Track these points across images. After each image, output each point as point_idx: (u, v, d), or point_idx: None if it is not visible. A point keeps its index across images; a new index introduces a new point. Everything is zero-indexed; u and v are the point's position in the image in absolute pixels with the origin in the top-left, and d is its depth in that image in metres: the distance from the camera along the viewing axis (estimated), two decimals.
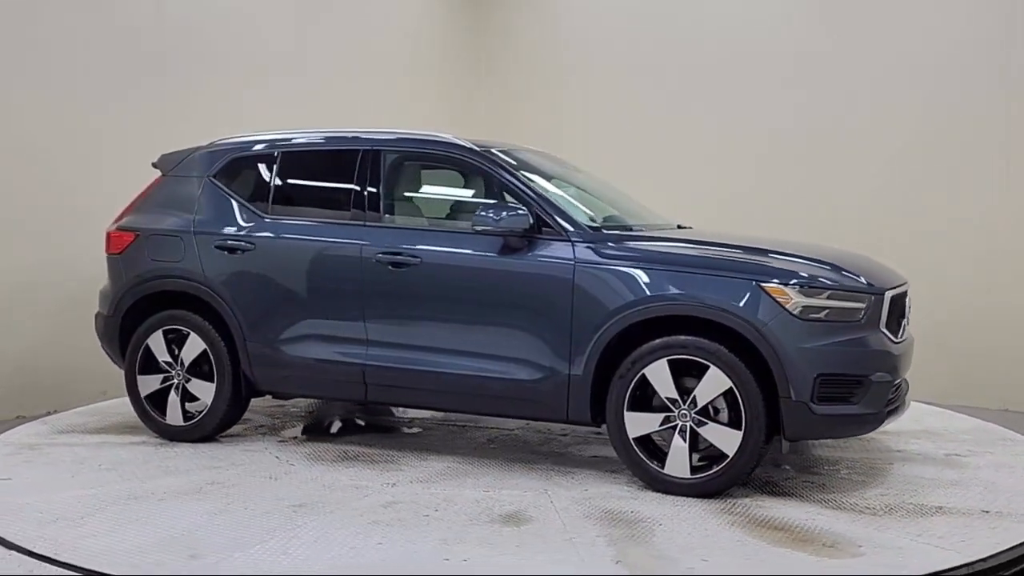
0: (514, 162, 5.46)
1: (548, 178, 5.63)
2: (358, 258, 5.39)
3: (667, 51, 9.15)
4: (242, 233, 5.70)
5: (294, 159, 5.87)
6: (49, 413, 6.66)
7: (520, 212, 5.04)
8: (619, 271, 4.91)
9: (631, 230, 5.40)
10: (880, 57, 8.10)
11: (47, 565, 3.87)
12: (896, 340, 4.93)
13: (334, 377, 5.50)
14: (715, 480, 4.73)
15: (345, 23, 9.03)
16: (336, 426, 6.43)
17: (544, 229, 5.09)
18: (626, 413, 4.87)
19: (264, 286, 5.62)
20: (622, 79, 9.34)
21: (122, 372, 6.01)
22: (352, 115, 6.85)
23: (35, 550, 3.98)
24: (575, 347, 4.95)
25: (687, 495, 4.75)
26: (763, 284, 4.69)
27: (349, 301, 5.43)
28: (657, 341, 4.80)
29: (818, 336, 4.66)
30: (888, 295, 4.88)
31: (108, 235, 6.10)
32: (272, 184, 5.81)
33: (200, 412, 5.80)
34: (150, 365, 5.90)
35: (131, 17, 7.39)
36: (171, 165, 6.12)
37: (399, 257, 5.30)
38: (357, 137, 5.72)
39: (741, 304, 4.68)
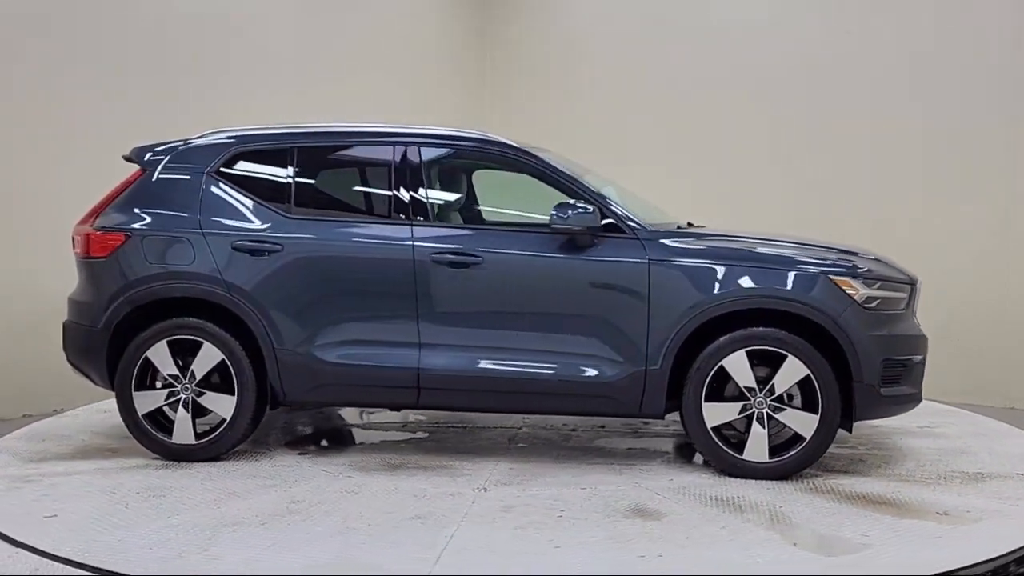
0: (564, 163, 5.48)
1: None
2: (410, 258, 5.19)
3: (673, 51, 9.28)
4: (266, 233, 5.30)
5: (315, 154, 5.54)
6: (56, 411, 6.75)
7: (588, 210, 5.08)
8: (694, 267, 5.08)
9: (679, 228, 5.57)
10: (886, 56, 8.29)
11: None
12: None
13: (382, 383, 5.25)
14: (792, 462, 5.03)
15: (349, 23, 9.12)
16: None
17: (610, 227, 5.15)
18: (704, 404, 5.06)
19: (296, 289, 5.26)
20: (627, 79, 9.46)
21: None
22: (356, 113, 6.48)
23: None
24: (652, 342, 5.06)
25: (764, 478, 5.00)
26: (832, 277, 5.04)
27: (400, 303, 5.21)
28: (737, 333, 5.02)
29: (878, 323, 5.07)
30: (918, 285, 5.41)
31: (87, 236, 5.45)
32: (292, 181, 5.43)
33: (214, 428, 5.35)
34: (145, 380, 5.37)
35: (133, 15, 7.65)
36: (155, 159, 5.56)
37: (459, 257, 5.16)
38: (392, 133, 5.49)
39: (818, 296, 5.00)
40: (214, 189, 5.44)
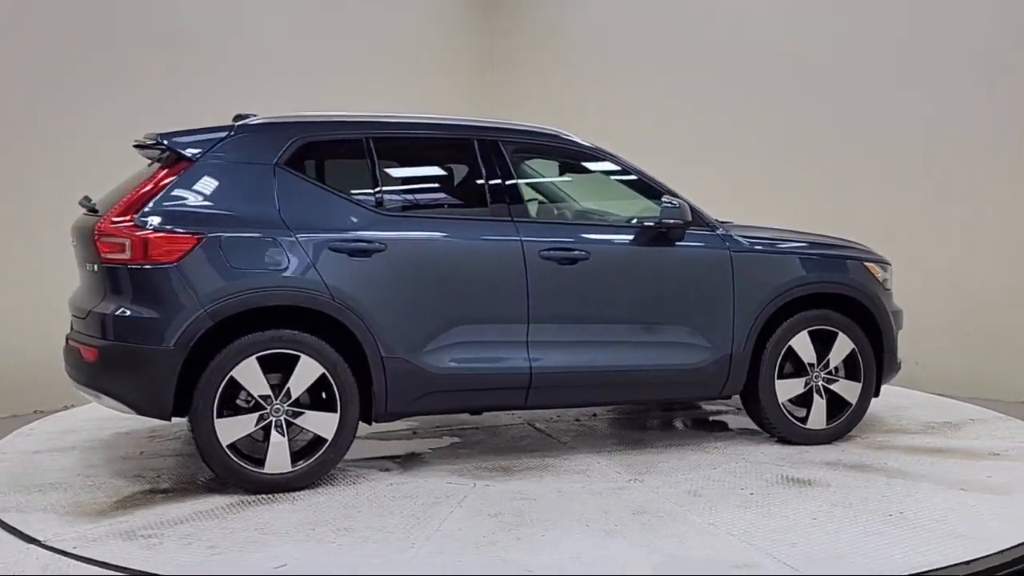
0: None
1: None
2: (519, 256, 5.05)
3: (677, 43, 9.08)
4: (366, 232, 4.83)
5: (395, 147, 5.15)
6: (66, 407, 6.86)
7: (678, 204, 5.32)
8: (767, 257, 5.55)
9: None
10: (897, 51, 8.13)
11: None
12: None
13: (494, 385, 5.06)
14: (842, 426, 5.71)
15: (353, 14, 8.97)
16: None
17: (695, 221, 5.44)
18: (776, 381, 5.56)
19: (405, 292, 4.87)
20: (632, 73, 9.22)
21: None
22: (359, 105, 5.88)
23: None
24: (738, 327, 5.44)
25: (824, 442, 5.63)
26: (865, 263, 5.80)
27: (510, 302, 5.05)
28: (799, 315, 5.58)
29: (889, 301, 5.93)
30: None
31: (143, 239, 4.53)
32: (377, 175, 4.99)
33: (304, 452, 4.78)
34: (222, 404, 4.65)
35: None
36: (201, 149, 4.79)
37: (569, 253, 5.13)
38: (475, 127, 5.30)
39: (863, 280, 5.73)
40: (288, 183, 4.83)
